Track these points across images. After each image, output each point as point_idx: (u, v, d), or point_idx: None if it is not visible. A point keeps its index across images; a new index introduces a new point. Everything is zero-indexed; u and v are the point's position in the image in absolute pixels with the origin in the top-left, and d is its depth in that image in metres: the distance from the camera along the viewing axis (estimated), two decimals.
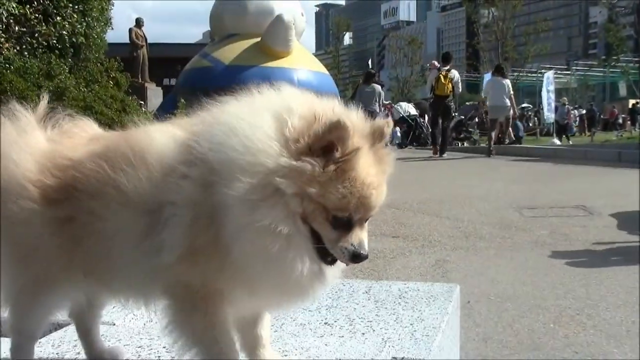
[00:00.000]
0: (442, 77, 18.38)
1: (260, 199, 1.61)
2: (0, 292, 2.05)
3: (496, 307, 4.34)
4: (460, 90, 20.35)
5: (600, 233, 6.49)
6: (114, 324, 2.62)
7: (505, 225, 7.10)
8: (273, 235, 1.61)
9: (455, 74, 19.01)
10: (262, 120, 1.69)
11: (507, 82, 19.82)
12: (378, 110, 19.41)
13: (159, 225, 1.72)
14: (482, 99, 21.36)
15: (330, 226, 1.69)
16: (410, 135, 23.60)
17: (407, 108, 24.77)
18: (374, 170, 1.74)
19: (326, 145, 1.64)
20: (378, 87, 20.39)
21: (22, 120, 2.04)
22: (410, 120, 22.98)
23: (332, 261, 1.76)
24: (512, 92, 19.52)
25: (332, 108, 1.73)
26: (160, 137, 1.84)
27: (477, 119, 26.46)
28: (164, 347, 2.20)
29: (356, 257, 1.73)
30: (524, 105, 37.75)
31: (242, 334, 2.01)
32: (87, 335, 2.24)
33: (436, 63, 21.01)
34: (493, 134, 19.62)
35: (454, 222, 7.40)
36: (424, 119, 24.64)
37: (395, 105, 30.58)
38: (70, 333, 2.48)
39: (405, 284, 3.24)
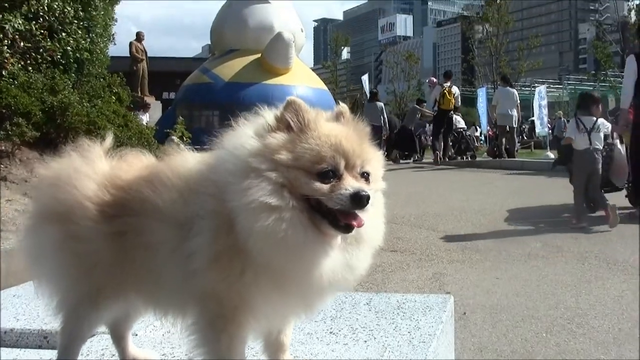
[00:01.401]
0: (447, 94, 19.90)
1: (247, 186, 1.82)
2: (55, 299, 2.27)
3: (491, 317, 4.48)
4: (460, 104, 22.06)
5: (591, 245, 6.65)
6: (136, 335, 2.80)
7: (500, 238, 7.26)
8: (264, 211, 1.79)
9: (456, 89, 21.13)
10: (241, 131, 1.99)
11: (515, 91, 21.21)
12: (382, 124, 21.54)
13: (189, 236, 1.93)
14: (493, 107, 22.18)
15: (319, 182, 1.85)
16: (456, 147, 23.63)
17: (455, 120, 25.02)
18: (342, 129, 1.99)
19: (286, 122, 1.93)
20: (381, 104, 22.43)
21: (90, 151, 2.28)
22: (456, 133, 23.13)
23: (346, 227, 1.86)
24: (519, 102, 20.83)
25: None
26: (192, 163, 2.09)
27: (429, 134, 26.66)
28: (186, 355, 2.32)
29: (356, 197, 1.82)
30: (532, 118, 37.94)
31: (266, 339, 2.23)
32: (120, 340, 2.49)
33: (435, 80, 23.06)
34: (504, 140, 20.84)
35: (451, 235, 7.55)
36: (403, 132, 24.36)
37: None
38: (95, 344, 2.72)
39: (404, 295, 3.42)
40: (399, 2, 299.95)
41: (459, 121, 23.55)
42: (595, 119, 8.43)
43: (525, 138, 36.80)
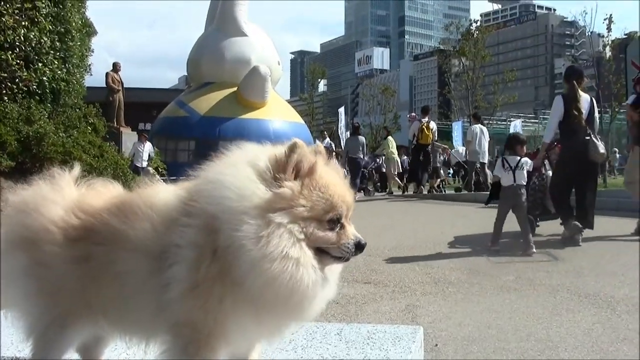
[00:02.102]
0: (425, 129, 20.82)
1: (268, 234, 1.90)
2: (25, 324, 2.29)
3: (462, 349, 4.51)
4: (436, 138, 22.65)
5: (563, 278, 6.72)
6: None
7: (473, 271, 7.32)
8: (285, 260, 1.91)
9: (434, 125, 22.13)
10: (241, 170, 2.03)
11: (485, 129, 22.41)
12: (362, 157, 22.34)
13: (164, 266, 1.98)
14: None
15: (329, 232, 2.03)
16: (466, 180, 24.04)
17: (464, 153, 25.16)
18: (334, 174, 2.14)
19: (294, 166, 2.01)
20: (362, 139, 22.98)
21: (59, 178, 2.33)
22: (466, 166, 23.40)
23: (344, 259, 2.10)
24: (489, 139, 22.24)
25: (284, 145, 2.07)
26: (165, 195, 2.13)
27: (383, 169, 27.34)
28: None
29: (359, 245, 2.10)
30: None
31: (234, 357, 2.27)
32: None
33: (414, 115, 24.60)
34: (473, 175, 22.24)
35: (424, 268, 7.60)
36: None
37: (453, 151, 30.56)
38: None
39: (374, 326, 3.45)
40: (375, 35, 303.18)
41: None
42: (519, 158, 9.22)
43: None
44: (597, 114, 10.24)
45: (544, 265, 7.55)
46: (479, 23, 55.46)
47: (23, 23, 9.05)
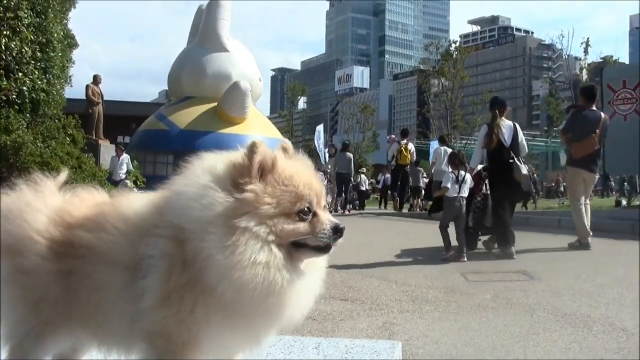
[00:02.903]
0: (403, 150, 22.20)
1: (233, 242, 1.91)
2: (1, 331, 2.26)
3: None
4: (415, 158, 23.96)
5: (539, 297, 6.76)
6: None
7: (451, 289, 7.33)
8: (254, 266, 1.90)
9: (412, 146, 23.43)
10: (201, 179, 2.04)
11: (449, 150, 22.85)
12: (350, 173, 24.23)
13: (138, 277, 1.98)
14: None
15: (300, 223, 2.02)
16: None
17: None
18: (299, 165, 2.16)
19: (259, 166, 2.01)
20: (350, 155, 24.62)
21: (41, 185, 2.32)
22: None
23: (326, 248, 2.08)
24: None
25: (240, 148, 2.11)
26: (138, 206, 2.14)
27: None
28: None
29: (336, 229, 2.06)
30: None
31: None
32: None
33: (393, 137, 25.52)
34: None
35: (401, 286, 7.60)
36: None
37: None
38: None
39: (352, 341, 3.46)
40: (356, 54, 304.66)
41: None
42: (464, 173, 10.38)
43: None
44: (522, 139, 11.04)
45: (521, 285, 7.58)
46: (458, 44, 55.80)
47: (4, 32, 9.02)
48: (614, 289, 7.11)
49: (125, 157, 19.83)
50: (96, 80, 23.48)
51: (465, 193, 10.29)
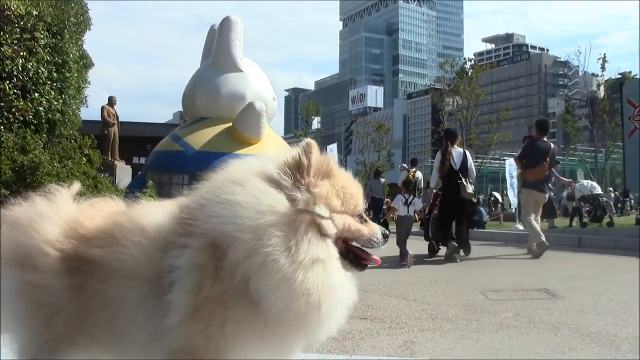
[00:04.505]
0: (410, 177, 22.72)
1: (297, 240, 1.90)
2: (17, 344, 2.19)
3: None
4: (422, 186, 25.38)
5: (563, 315, 6.64)
6: None
7: (471, 307, 7.22)
8: (316, 264, 1.93)
9: (419, 174, 25.18)
10: (252, 185, 1.98)
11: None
12: (383, 198, 26.33)
13: (160, 291, 1.88)
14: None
15: (361, 224, 2.10)
16: (592, 214, 24.20)
17: (590, 186, 24.67)
18: (346, 173, 2.21)
19: (317, 165, 2.03)
20: (383, 180, 27.31)
21: (56, 195, 2.24)
22: (591, 200, 23.26)
23: (363, 266, 2.22)
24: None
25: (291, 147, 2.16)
26: (157, 216, 2.05)
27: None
28: None
29: (385, 235, 2.24)
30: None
31: None
32: None
33: (405, 165, 27.38)
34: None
35: (421, 304, 7.50)
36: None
37: (577, 184, 29.25)
38: None
39: (377, 359, 3.35)
40: (369, 73, 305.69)
41: (595, 187, 24.31)
42: (412, 197, 12.91)
43: (493, 210, 37.09)
44: (470, 164, 13.16)
45: (543, 303, 7.46)
46: (473, 62, 55.70)
47: (21, 53, 9.08)
48: (638, 308, 6.97)
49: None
50: (111, 101, 23.64)
51: (412, 213, 12.71)
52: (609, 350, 5.18)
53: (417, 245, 13.07)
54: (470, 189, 12.60)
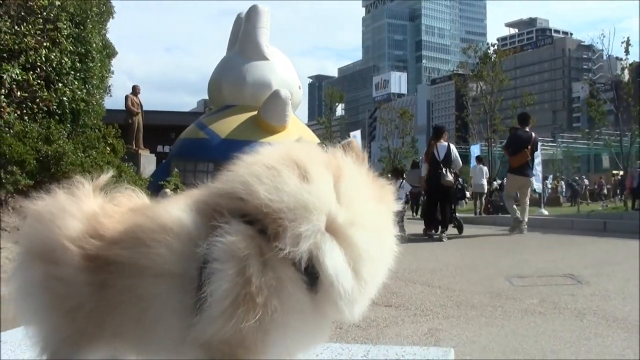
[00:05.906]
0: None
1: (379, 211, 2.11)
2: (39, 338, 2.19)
3: None
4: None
5: (588, 301, 6.57)
6: None
7: (496, 294, 7.17)
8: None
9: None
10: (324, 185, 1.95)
11: (485, 168, 30.95)
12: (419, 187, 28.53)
13: (194, 285, 1.83)
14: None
15: None
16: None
17: None
18: None
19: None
20: (419, 171, 27.06)
21: (79, 188, 2.23)
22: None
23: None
24: (488, 176, 30.71)
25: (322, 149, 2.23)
26: (178, 211, 1.99)
27: None
28: None
29: None
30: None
31: None
32: None
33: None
34: (478, 203, 30.16)
35: (445, 291, 7.47)
36: None
37: None
38: None
39: (402, 348, 3.32)
40: (393, 59, 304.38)
41: None
42: (402, 180, 16.11)
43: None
44: (455, 156, 15.03)
45: (568, 289, 7.39)
46: (496, 47, 55.18)
47: (45, 44, 9.11)
48: None
49: None
50: (135, 90, 23.74)
51: (402, 197, 15.07)
52: (635, 336, 5.12)
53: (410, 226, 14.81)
54: (449, 177, 14.66)
